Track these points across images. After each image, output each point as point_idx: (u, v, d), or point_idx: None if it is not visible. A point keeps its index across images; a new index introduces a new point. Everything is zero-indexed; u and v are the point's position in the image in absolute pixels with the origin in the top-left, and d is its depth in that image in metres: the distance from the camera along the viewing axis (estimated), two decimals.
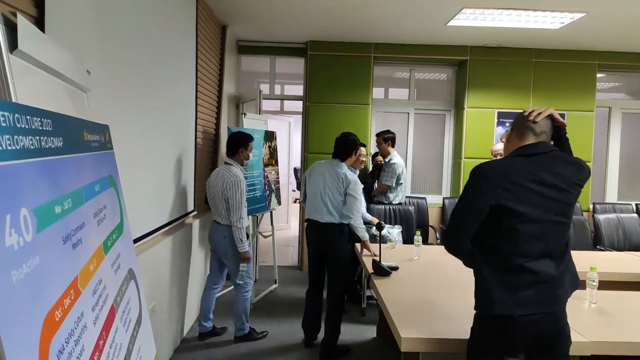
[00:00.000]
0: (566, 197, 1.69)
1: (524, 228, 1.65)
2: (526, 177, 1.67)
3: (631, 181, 6.24)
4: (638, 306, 2.36)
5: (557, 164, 1.71)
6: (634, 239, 4.45)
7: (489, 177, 1.71)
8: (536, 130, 1.77)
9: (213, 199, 3.54)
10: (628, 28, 4.74)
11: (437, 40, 5.46)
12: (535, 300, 1.66)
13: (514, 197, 1.65)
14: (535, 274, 1.65)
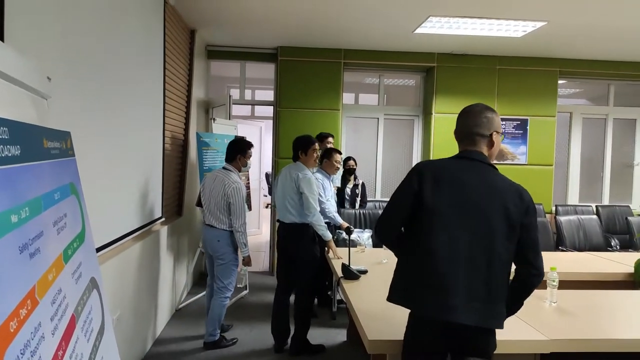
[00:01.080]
0: (490, 210, 1.66)
1: (436, 227, 1.67)
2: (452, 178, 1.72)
3: (591, 184, 6.48)
4: (597, 304, 2.45)
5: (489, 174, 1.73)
6: (594, 239, 4.62)
7: (419, 172, 1.76)
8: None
9: (209, 203, 3.56)
10: (587, 36, 4.94)
11: (405, 47, 5.56)
12: (428, 302, 1.64)
13: (434, 194, 1.69)
14: (435, 276, 1.64)
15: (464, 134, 1.79)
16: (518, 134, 5.94)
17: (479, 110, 1.79)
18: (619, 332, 2.05)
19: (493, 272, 1.64)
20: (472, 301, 1.62)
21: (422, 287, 1.67)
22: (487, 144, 1.76)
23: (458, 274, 1.63)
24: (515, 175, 5.91)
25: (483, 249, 1.64)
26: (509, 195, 1.68)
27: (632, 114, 6.49)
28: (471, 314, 1.61)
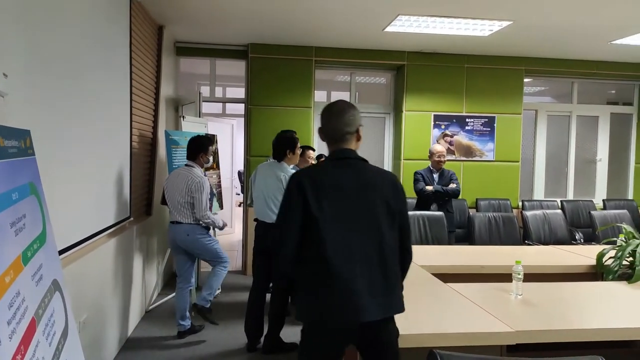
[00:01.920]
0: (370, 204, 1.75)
1: (326, 234, 1.70)
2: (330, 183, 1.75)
3: (556, 179, 6.69)
4: (561, 296, 2.53)
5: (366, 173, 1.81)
6: (559, 233, 4.75)
7: (299, 184, 1.75)
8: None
9: (174, 199, 3.62)
10: (551, 36, 5.09)
11: (376, 45, 5.60)
12: (336, 309, 1.68)
13: (317, 202, 1.71)
14: (336, 283, 1.68)
15: (336, 134, 1.84)
16: (486, 131, 6.07)
17: (345, 108, 1.86)
18: (582, 322, 2.11)
19: (387, 264, 1.74)
20: (375, 297, 1.70)
21: (326, 297, 1.70)
22: (355, 139, 1.86)
23: (357, 274, 1.69)
24: (484, 171, 6.07)
25: (374, 245, 1.73)
26: (385, 187, 1.80)
27: (595, 111, 6.72)
28: (377, 309, 1.69)
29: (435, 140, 5.95)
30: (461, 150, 6.03)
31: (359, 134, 1.86)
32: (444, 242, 4.22)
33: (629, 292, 2.61)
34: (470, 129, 6.04)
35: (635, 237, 3.04)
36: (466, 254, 3.56)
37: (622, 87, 6.83)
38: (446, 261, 3.27)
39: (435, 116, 5.98)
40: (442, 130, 5.99)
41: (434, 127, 5.99)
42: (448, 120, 6.00)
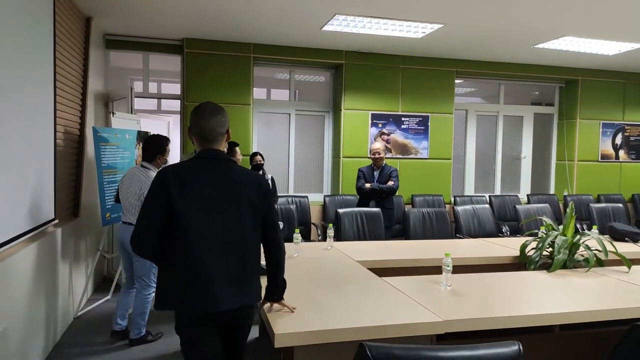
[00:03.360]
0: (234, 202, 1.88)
1: (189, 228, 1.81)
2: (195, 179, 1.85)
3: (485, 175, 7.06)
4: (487, 285, 2.67)
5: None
6: (487, 227, 5.01)
7: (164, 179, 1.84)
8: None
9: (126, 199, 3.49)
10: (480, 39, 5.35)
11: (315, 43, 5.64)
12: (195, 299, 1.79)
13: (181, 197, 1.81)
14: (197, 273, 1.79)
15: (207, 135, 1.92)
16: (420, 130, 6.29)
17: (216, 110, 1.95)
18: (506, 310, 2.23)
19: (246, 257, 1.88)
20: (232, 287, 1.83)
21: (187, 287, 1.80)
22: (225, 139, 1.98)
23: (216, 266, 1.81)
24: (419, 168, 6.29)
25: (235, 238, 1.86)
26: (250, 185, 1.92)
27: (520, 111, 7.15)
28: (233, 299, 1.84)
29: (373, 138, 6.09)
30: (397, 148, 6.21)
31: (229, 135, 1.99)
32: (381, 237, 4.33)
33: (548, 281, 2.80)
34: (405, 128, 6.23)
35: (554, 229, 3.26)
36: (401, 249, 3.67)
37: (544, 89, 7.32)
38: (382, 256, 3.35)
39: (372, 115, 6.11)
40: (380, 129, 6.14)
41: (372, 126, 6.12)
42: (385, 119, 6.15)
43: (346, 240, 4.14)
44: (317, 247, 3.71)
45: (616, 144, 7.05)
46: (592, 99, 6.87)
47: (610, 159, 7.04)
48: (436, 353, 1.20)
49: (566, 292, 2.58)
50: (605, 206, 5.41)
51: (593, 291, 2.58)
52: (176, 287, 1.81)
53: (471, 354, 1.23)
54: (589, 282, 2.75)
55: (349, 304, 2.21)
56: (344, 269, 2.95)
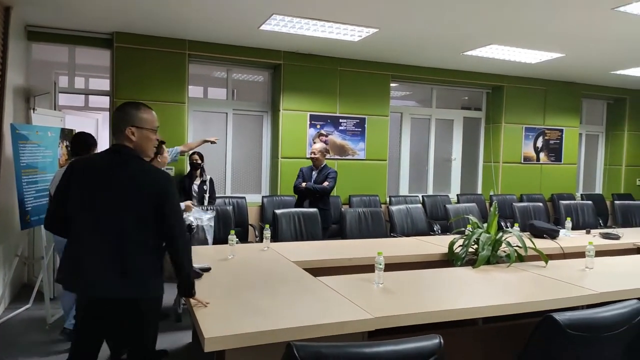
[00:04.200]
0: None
1: (82, 215, 2.00)
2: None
3: (418, 176, 7.32)
4: (417, 282, 2.76)
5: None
6: (419, 225, 5.20)
7: (72, 168, 2.07)
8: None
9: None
10: (413, 45, 5.54)
11: (253, 42, 5.58)
12: (78, 282, 1.99)
13: (81, 187, 2.01)
14: (83, 258, 1.97)
15: (114, 128, 2.11)
16: (358, 132, 6.41)
17: (123, 106, 2.11)
18: (434, 305, 2.32)
19: (129, 249, 1.96)
20: (112, 277, 1.94)
21: (74, 269, 1.99)
22: (126, 138, 2.05)
23: (95, 254, 1.95)
24: (356, 169, 6.41)
25: (117, 231, 1.95)
26: (147, 183, 2.01)
27: (450, 115, 7.49)
28: (114, 288, 1.94)
29: (311, 139, 6.13)
30: (335, 149, 6.30)
31: (127, 134, 2.03)
32: (318, 238, 4.37)
33: (473, 276, 2.95)
34: (343, 129, 6.33)
35: (479, 227, 3.44)
36: (337, 248, 3.72)
37: (473, 94, 7.71)
38: (318, 256, 3.37)
39: (311, 116, 6.15)
40: (318, 130, 6.19)
41: (310, 127, 6.16)
42: (323, 120, 6.21)
43: (284, 241, 4.13)
44: (254, 248, 3.68)
45: (537, 146, 7.57)
46: (515, 104, 7.33)
47: (531, 161, 7.55)
48: (362, 349, 1.23)
49: (489, 286, 2.73)
50: (527, 205, 5.78)
51: (513, 285, 2.76)
52: (64, 267, 2.03)
53: (395, 349, 1.27)
54: (509, 277, 2.92)
55: (282, 305, 2.21)
56: (279, 270, 2.94)
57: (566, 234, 4.41)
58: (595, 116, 8.52)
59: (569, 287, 2.68)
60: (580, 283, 2.74)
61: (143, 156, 2.10)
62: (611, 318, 1.61)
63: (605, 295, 2.53)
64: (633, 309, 1.67)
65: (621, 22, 4.38)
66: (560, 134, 7.69)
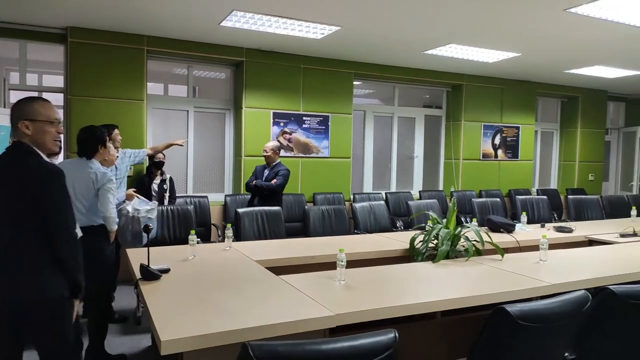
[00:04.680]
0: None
1: None
2: None
3: (382, 173, 7.41)
4: (379, 278, 2.79)
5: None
6: (382, 222, 5.26)
7: None
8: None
9: None
10: (375, 43, 5.59)
11: (214, 39, 5.50)
12: None
13: None
14: None
15: (11, 126, 2.08)
16: (321, 129, 6.42)
17: (17, 102, 2.08)
18: (394, 300, 2.36)
19: (14, 249, 1.96)
20: (7, 276, 1.95)
21: None
22: (21, 133, 2.02)
23: None
24: (320, 167, 6.42)
25: (12, 228, 1.96)
26: (33, 176, 1.97)
27: (412, 113, 7.61)
28: (3, 288, 1.96)
29: (275, 137, 6.10)
30: (299, 147, 6.28)
31: (19, 128, 2.00)
32: (282, 236, 4.35)
33: (433, 271, 3.01)
34: (307, 127, 6.32)
35: (439, 223, 3.51)
36: (300, 246, 3.72)
37: (434, 92, 7.85)
38: (281, 254, 3.37)
39: (274, 114, 6.11)
40: (282, 128, 6.16)
41: (274, 125, 6.12)
42: (287, 118, 6.19)
43: (247, 240, 4.10)
44: (215, 248, 3.63)
45: (495, 144, 7.79)
46: (474, 102, 7.52)
47: (490, 158, 7.77)
48: (319, 346, 1.23)
49: (447, 280, 2.79)
50: (485, 200, 5.96)
51: (471, 278, 2.83)
52: None
53: (351, 344, 1.28)
54: (467, 271, 3.00)
55: (243, 305, 2.19)
56: (240, 270, 2.92)
57: (522, 228, 4.56)
58: (550, 114, 8.85)
59: (523, 279, 2.77)
60: (534, 275, 2.84)
61: (44, 151, 2.04)
62: (560, 308, 1.68)
63: (557, 286, 2.63)
64: (581, 299, 1.74)
65: (572, 23, 4.56)
66: (517, 131, 7.94)
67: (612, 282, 2.62)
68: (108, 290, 3.53)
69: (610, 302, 1.91)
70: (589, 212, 6.14)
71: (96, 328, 3.21)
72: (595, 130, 8.69)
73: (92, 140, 3.29)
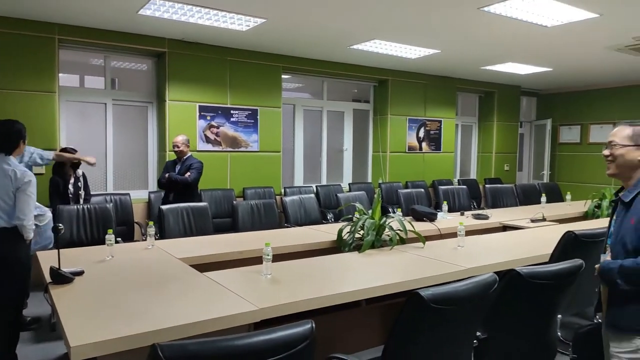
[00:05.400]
0: None
1: None
2: None
3: (312, 167, 7.45)
4: (306, 271, 2.79)
5: None
6: (312, 215, 5.30)
7: None
8: None
9: None
10: (302, 37, 5.58)
11: (133, 28, 5.22)
12: None
13: None
14: None
15: None
16: (250, 123, 6.33)
17: None
18: (319, 291, 2.37)
19: None
20: None
21: None
22: None
23: None
24: (250, 161, 6.34)
25: None
26: None
27: (341, 107, 7.71)
28: None
29: (202, 131, 5.93)
30: (227, 141, 6.16)
31: None
32: (209, 232, 4.24)
33: (358, 260, 3.07)
34: (235, 121, 6.21)
35: (365, 214, 3.59)
36: (228, 242, 3.64)
37: (362, 87, 8.01)
38: (208, 251, 3.28)
39: (200, 107, 5.94)
40: (208, 122, 6.00)
41: (200, 118, 5.95)
42: (213, 111, 6.03)
43: (171, 237, 3.95)
44: (137, 247, 3.47)
45: (420, 137, 8.10)
46: (399, 97, 7.76)
47: (415, 150, 8.07)
48: (233, 342, 1.21)
49: (372, 269, 2.86)
50: (411, 191, 6.18)
51: (394, 266, 2.92)
52: None
53: (268, 338, 1.26)
54: (391, 259, 3.09)
55: (162, 305, 2.11)
56: (162, 269, 2.80)
57: (443, 216, 4.78)
58: (469, 108, 9.34)
59: (442, 265, 2.90)
60: (452, 260, 2.99)
61: None
62: (470, 290, 1.77)
63: (472, 270, 2.78)
64: (489, 281, 1.85)
65: (487, 21, 4.82)
66: (439, 124, 8.31)
67: (521, 264, 2.81)
68: (22, 298, 3.27)
69: (516, 282, 2.04)
70: (504, 199, 6.57)
71: (10, 335, 2.98)
72: (509, 124, 9.30)
73: (13, 135, 3.08)
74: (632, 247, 1.81)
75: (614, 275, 1.80)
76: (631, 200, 1.87)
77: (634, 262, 1.75)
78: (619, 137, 1.93)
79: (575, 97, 9.39)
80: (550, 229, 4.21)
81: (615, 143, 1.94)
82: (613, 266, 1.81)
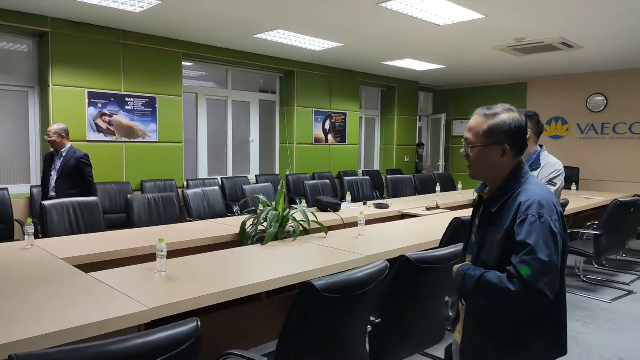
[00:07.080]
0: None
1: None
2: None
3: (218, 158, 7.24)
4: (205, 266, 2.68)
5: None
6: (217, 208, 5.16)
7: None
8: None
9: None
10: (201, 23, 5.35)
11: (9, 4, 4.66)
12: None
13: None
14: None
15: None
16: (148, 112, 5.97)
17: None
18: (217, 286, 2.27)
19: None
20: None
21: None
22: None
23: None
24: (148, 152, 5.99)
25: None
26: None
27: (247, 97, 7.57)
28: None
29: (92, 119, 5.47)
30: (122, 131, 5.75)
31: None
32: (100, 229, 3.94)
33: (261, 253, 3.03)
34: (131, 109, 5.81)
35: (268, 206, 3.55)
36: (120, 239, 3.41)
37: (268, 78, 7.91)
38: (97, 249, 3.03)
39: (90, 93, 5.47)
40: (100, 110, 5.55)
41: (90, 105, 5.48)
42: (106, 98, 5.59)
43: (56, 236, 3.60)
44: (12, 247, 3.11)
45: (326, 129, 8.22)
46: (306, 89, 7.80)
47: (321, 142, 8.17)
48: (103, 349, 1.10)
49: (273, 261, 2.84)
50: (317, 182, 6.25)
51: (295, 257, 2.92)
52: None
53: (146, 340, 1.17)
54: (293, 250, 3.09)
55: (33, 312, 1.90)
56: (40, 271, 2.54)
57: (347, 207, 4.90)
58: (373, 102, 9.67)
59: (343, 254, 2.95)
60: (352, 249, 3.05)
61: None
62: (362, 278, 1.81)
63: (370, 258, 2.86)
64: (380, 268, 1.91)
65: (385, 17, 4.98)
66: (344, 117, 8.50)
67: (414, 249, 2.94)
68: None
69: (407, 267, 2.13)
70: (404, 189, 6.90)
71: None
72: (409, 117, 9.78)
73: None
74: (493, 264, 1.57)
75: (471, 284, 1.57)
76: (497, 210, 1.61)
77: (498, 278, 1.49)
78: (474, 134, 1.64)
79: (465, 93, 10.10)
80: (442, 217, 4.49)
81: (470, 141, 1.64)
82: (474, 273, 1.58)
